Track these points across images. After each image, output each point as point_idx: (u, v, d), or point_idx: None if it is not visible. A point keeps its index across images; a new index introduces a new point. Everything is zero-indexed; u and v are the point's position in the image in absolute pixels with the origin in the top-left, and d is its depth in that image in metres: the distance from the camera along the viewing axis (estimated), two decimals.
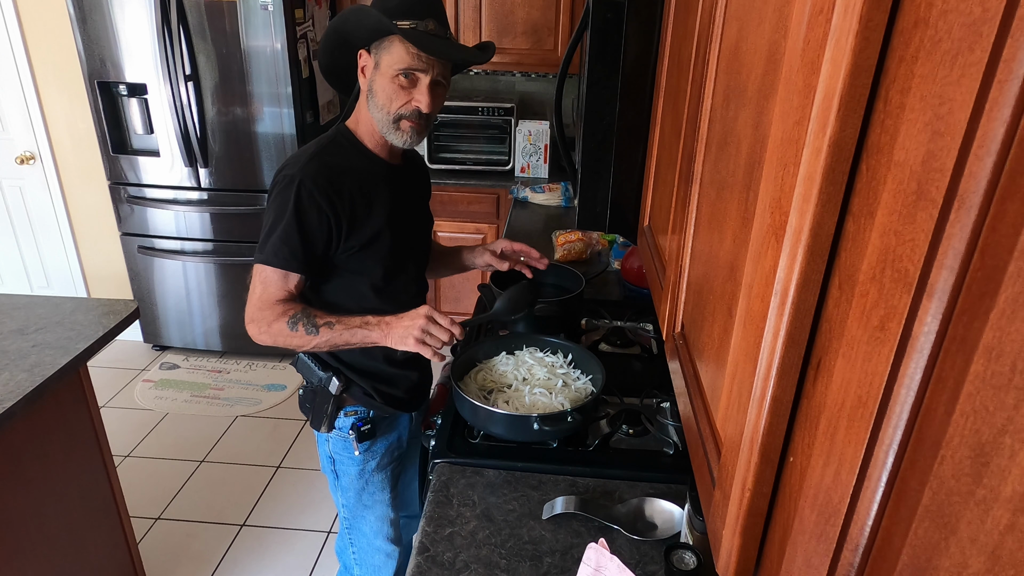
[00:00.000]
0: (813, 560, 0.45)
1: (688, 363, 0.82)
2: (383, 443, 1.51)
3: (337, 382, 1.41)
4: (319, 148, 1.32)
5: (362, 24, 1.27)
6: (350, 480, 1.51)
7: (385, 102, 1.29)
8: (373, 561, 1.61)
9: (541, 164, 3.35)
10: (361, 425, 1.44)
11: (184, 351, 3.54)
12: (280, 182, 1.28)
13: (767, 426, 0.51)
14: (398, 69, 1.26)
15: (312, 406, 1.44)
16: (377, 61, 1.28)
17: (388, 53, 1.26)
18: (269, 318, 1.29)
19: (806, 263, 0.45)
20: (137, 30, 2.85)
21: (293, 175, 1.26)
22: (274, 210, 1.28)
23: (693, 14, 0.88)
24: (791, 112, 0.47)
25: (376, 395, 1.45)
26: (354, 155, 1.36)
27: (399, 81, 1.27)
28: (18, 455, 1.57)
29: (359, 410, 1.46)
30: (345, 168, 1.31)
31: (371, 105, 1.32)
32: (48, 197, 3.45)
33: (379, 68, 1.28)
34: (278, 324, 1.28)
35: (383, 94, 1.29)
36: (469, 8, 3.15)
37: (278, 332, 1.29)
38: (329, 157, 1.31)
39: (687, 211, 0.86)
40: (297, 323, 1.28)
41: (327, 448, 1.50)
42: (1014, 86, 0.28)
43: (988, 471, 0.29)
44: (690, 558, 1.03)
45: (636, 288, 2.14)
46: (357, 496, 1.53)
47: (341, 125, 1.39)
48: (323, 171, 1.28)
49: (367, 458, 1.49)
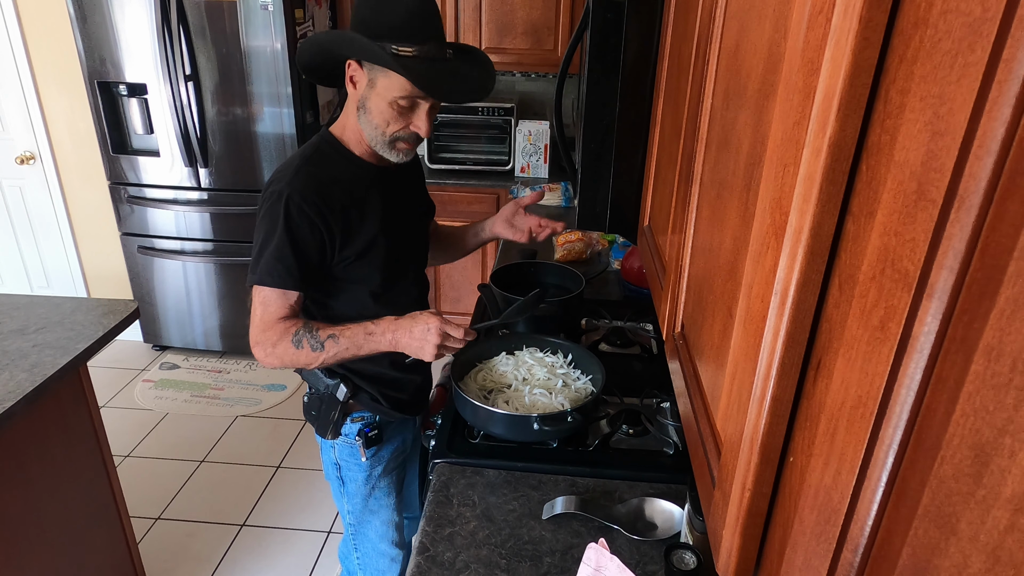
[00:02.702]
0: (813, 560, 0.45)
1: (688, 363, 0.82)
2: (389, 448, 1.50)
3: (345, 389, 1.39)
4: (303, 160, 1.27)
5: (356, 47, 1.20)
6: (356, 486, 1.50)
7: (380, 123, 1.25)
8: (378, 566, 1.61)
9: (541, 164, 3.35)
10: (368, 431, 1.43)
11: (184, 351, 3.54)
12: (268, 198, 1.24)
13: (767, 426, 0.51)
14: (398, 95, 1.21)
15: (318, 413, 1.42)
16: (372, 79, 1.22)
17: (386, 77, 1.20)
18: (273, 339, 1.25)
19: (806, 263, 0.45)
20: (137, 30, 2.85)
21: (280, 190, 1.22)
22: (264, 228, 1.24)
23: (693, 14, 0.88)
24: (791, 112, 0.47)
25: (383, 400, 1.44)
26: (341, 163, 1.31)
27: (397, 106, 1.22)
28: (18, 455, 1.57)
29: (365, 416, 1.45)
30: (333, 178, 1.27)
31: (363, 120, 1.27)
32: (48, 197, 3.46)
33: (375, 88, 1.22)
34: (282, 344, 1.25)
35: (379, 115, 1.24)
36: (469, 8, 3.15)
37: (284, 352, 1.26)
38: (315, 168, 1.27)
39: (687, 211, 0.86)
40: (301, 340, 1.25)
41: (332, 455, 1.48)
42: (1014, 86, 0.28)
43: (988, 471, 0.29)
44: (690, 558, 1.03)
45: (636, 288, 2.14)
46: (363, 502, 1.52)
47: (325, 132, 1.34)
48: (311, 183, 1.24)
49: (373, 464, 1.48)
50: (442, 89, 1.23)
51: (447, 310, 3.52)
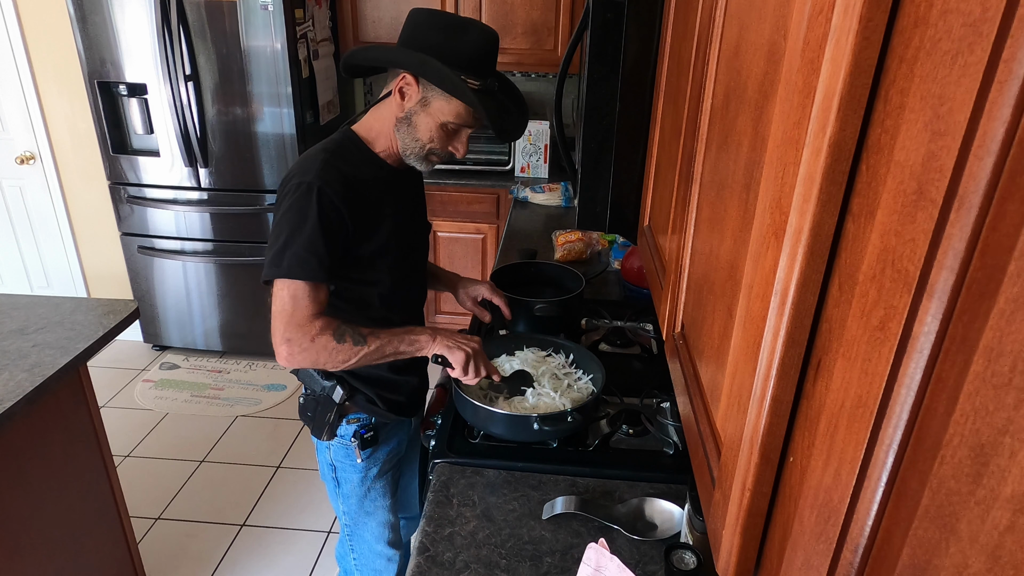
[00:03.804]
0: (813, 560, 0.45)
1: (688, 363, 0.82)
2: (384, 450, 1.50)
3: (341, 391, 1.38)
4: (329, 154, 1.26)
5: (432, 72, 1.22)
6: (352, 487, 1.50)
7: (424, 139, 1.29)
8: (374, 566, 1.61)
9: (541, 164, 3.35)
10: (364, 432, 1.43)
11: (184, 351, 3.54)
12: (293, 190, 1.21)
13: (767, 426, 0.51)
14: (452, 121, 1.26)
15: (314, 414, 1.42)
16: (427, 99, 1.25)
17: (445, 102, 1.25)
18: (311, 333, 1.21)
19: (806, 263, 0.45)
20: (137, 30, 2.85)
21: (311, 182, 1.20)
22: (292, 220, 1.20)
23: (693, 14, 0.88)
24: (791, 112, 0.47)
25: (379, 402, 1.44)
26: (362, 162, 1.31)
27: (446, 128, 1.28)
28: (18, 455, 1.57)
29: (361, 417, 1.44)
30: (357, 176, 1.27)
31: (403, 131, 1.29)
32: (48, 197, 3.46)
33: (428, 108, 1.26)
34: (322, 338, 1.21)
35: (424, 132, 1.28)
36: (469, 8, 3.15)
37: (322, 347, 1.21)
38: (341, 163, 1.26)
39: (687, 211, 0.86)
40: (344, 335, 1.22)
41: (328, 456, 1.49)
42: (1014, 86, 0.28)
43: (988, 471, 0.29)
44: (690, 558, 1.03)
45: (636, 288, 2.14)
46: (359, 503, 1.52)
47: (348, 130, 1.34)
48: (339, 178, 1.23)
49: (369, 465, 1.48)
50: (505, 130, 1.31)
51: (447, 311, 3.52)
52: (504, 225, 2.96)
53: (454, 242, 3.34)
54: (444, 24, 1.25)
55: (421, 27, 1.25)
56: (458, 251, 3.37)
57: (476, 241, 3.35)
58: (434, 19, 1.26)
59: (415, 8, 1.30)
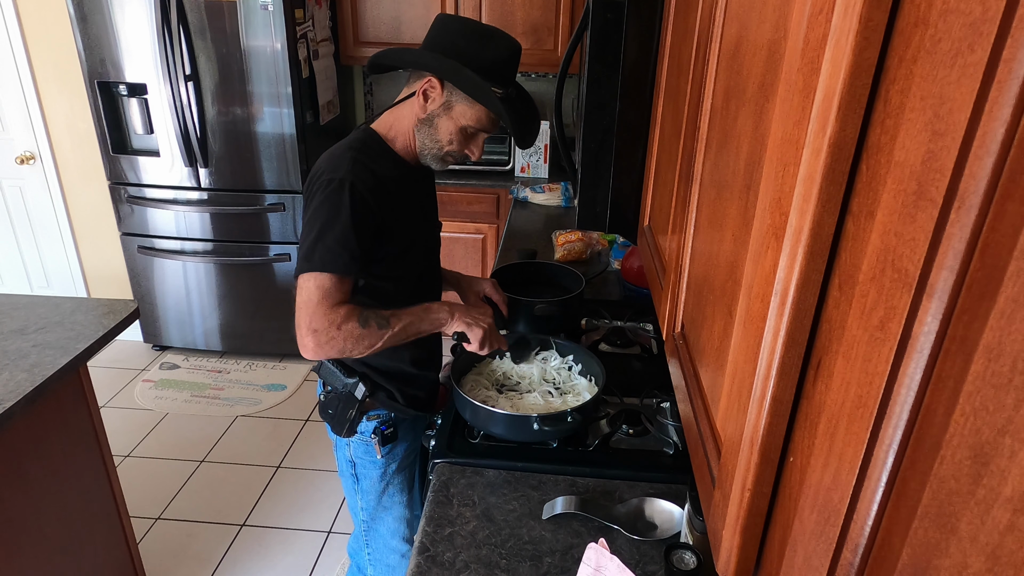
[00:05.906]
0: (813, 560, 0.45)
1: (688, 363, 0.82)
2: (403, 446, 1.52)
3: (363, 387, 1.40)
4: (356, 152, 1.29)
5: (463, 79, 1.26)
6: (371, 483, 1.52)
7: (443, 141, 1.33)
8: (388, 561, 1.62)
9: (541, 164, 3.35)
10: (384, 428, 1.45)
11: (184, 351, 3.54)
12: (324, 186, 1.24)
13: (767, 426, 0.51)
14: (472, 126, 1.31)
15: (335, 412, 1.43)
16: (450, 103, 1.30)
17: (468, 106, 1.30)
18: (337, 321, 1.24)
19: (806, 263, 0.45)
20: (137, 30, 2.85)
21: (342, 178, 1.23)
22: (324, 215, 1.23)
23: (693, 14, 0.88)
24: (791, 112, 0.47)
25: (400, 397, 1.46)
26: (385, 160, 1.34)
27: (465, 132, 1.32)
28: (18, 455, 1.57)
29: (381, 414, 1.46)
30: (382, 174, 1.30)
31: (423, 132, 1.33)
32: (48, 197, 3.46)
33: (450, 111, 1.30)
34: (348, 325, 1.24)
35: (444, 134, 1.32)
36: (469, 8, 3.15)
37: (348, 334, 1.24)
38: (368, 161, 1.29)
39: (687, 211, 0.86)
40: (368, 320, 1.26)
41: (348, 452, 1.50)
42: (1014, 86, 0.28)
43: (988, 471, 0.29)
44: (690, 558, 1.03)
45: (636, 288, 2.14)
46: (377, 498, 1.54)
47: (369, 128, 1.37)
48: (368, 175, 1.26)
49: (388, 461, 1.50)
50: (525, 138, 1.37)
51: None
52: (504, 225, 2.96)
53: (454, 242, 3.34)
54: (471, 31, 1.30)
55: (450, 33, 1.30)
56: (458, 251, 3.36)
57: (476, 241, 3.35)
58: (463, 26, 1.31)
59: (443, 14, 1.35)
